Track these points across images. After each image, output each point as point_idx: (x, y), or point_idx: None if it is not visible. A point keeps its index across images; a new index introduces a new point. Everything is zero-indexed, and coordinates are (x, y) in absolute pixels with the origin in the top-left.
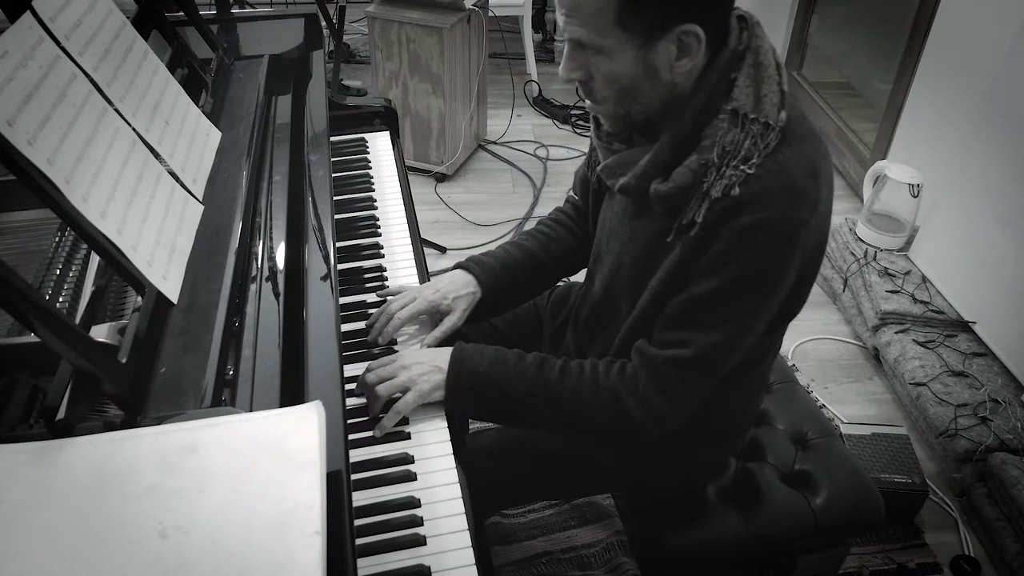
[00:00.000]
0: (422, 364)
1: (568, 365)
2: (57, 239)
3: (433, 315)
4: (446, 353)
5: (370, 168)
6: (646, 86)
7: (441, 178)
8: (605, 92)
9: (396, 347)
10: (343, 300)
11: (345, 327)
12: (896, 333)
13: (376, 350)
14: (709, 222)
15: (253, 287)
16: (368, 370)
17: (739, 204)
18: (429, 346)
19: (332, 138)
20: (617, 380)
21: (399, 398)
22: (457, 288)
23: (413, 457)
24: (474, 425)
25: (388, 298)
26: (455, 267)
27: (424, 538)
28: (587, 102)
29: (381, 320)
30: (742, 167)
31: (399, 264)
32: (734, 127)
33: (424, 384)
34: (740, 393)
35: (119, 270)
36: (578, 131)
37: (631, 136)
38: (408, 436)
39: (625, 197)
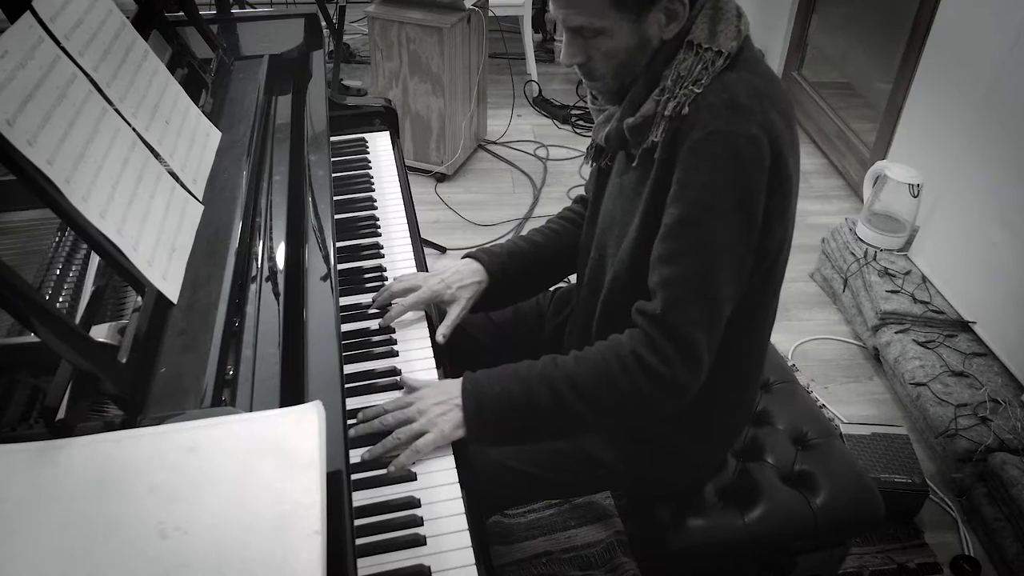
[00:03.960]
0: (441, 404)
1: (581, 352)
2: (57, 239)
3: (436, 305)
4: (460, 387)
5: (370, 168)
6: (639, 55)
7: (441, 178)
8: (603, 69)
9: (395, 335)
10: (343, 300)
11: (345, 327)
12: (896, 333)
13: (375, 338)
14: (667, 144)
15: (253, 287)
16: (384, 411)
17: (689, 122)
18: (443, 336)
19: (332, 138)
20: (631, 342)
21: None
22: (462, 278)
23: None
24: None
25: (392, 278)
26: (464, 256)
27: (424, 538)
28: (585, 81)
29: (382, 298)
30: (691, 87)
31: (399, 264)
32: (690, 55)
33: (445, 424)
34: (741, 360)
35: (119, 270)
36: (578, 131)
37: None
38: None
39: (608, 149)
